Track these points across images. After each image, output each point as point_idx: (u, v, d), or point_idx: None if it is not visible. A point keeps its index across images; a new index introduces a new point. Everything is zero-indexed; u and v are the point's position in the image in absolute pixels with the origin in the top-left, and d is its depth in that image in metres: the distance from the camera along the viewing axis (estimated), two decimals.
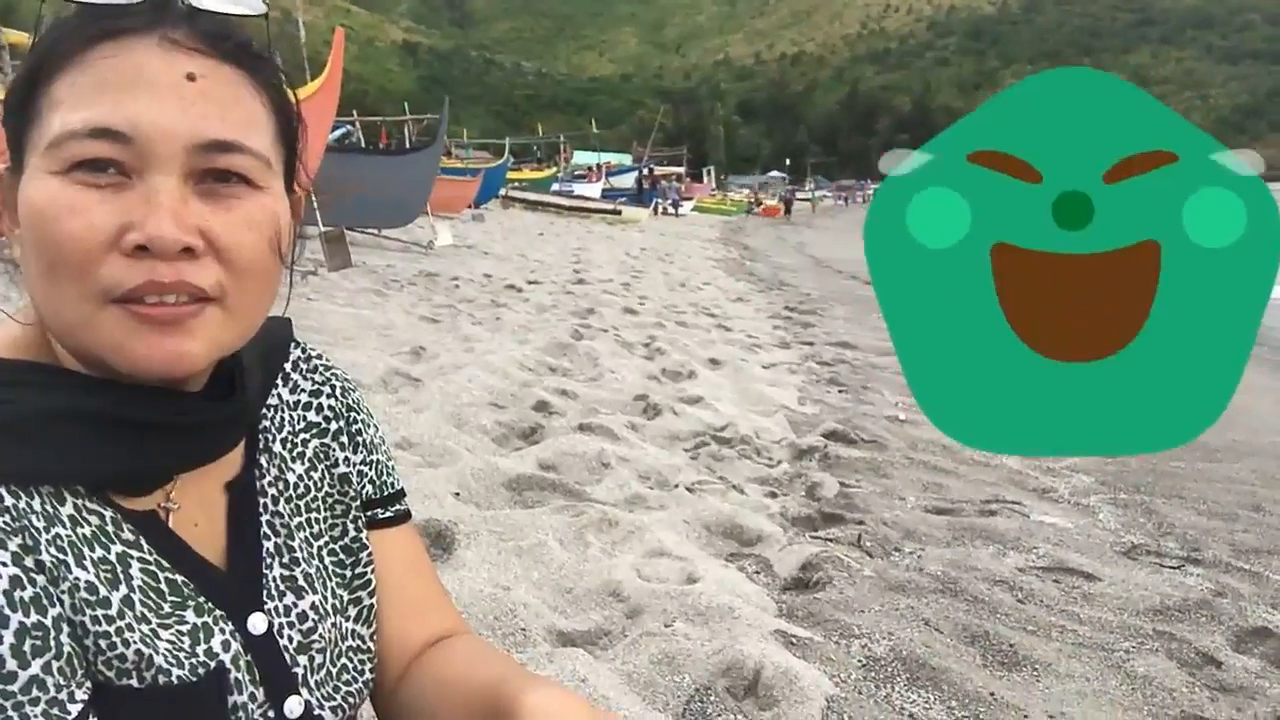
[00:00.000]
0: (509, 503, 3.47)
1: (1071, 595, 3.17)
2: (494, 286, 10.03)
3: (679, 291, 12.18)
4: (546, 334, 7.09)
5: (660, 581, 2.83)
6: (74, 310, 0.78)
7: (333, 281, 8.65)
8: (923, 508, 4.02)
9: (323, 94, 7.64)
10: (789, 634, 2.58)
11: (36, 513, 0.79)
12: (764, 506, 3.79)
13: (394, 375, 5.17)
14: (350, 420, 1.10)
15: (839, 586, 3.00)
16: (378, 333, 6.55)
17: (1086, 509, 4.20)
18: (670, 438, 4.68)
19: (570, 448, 4.05)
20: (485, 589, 2.57)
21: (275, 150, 0.88)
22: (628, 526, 3.23)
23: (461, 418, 4.37)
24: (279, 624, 0.95)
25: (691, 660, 2.36)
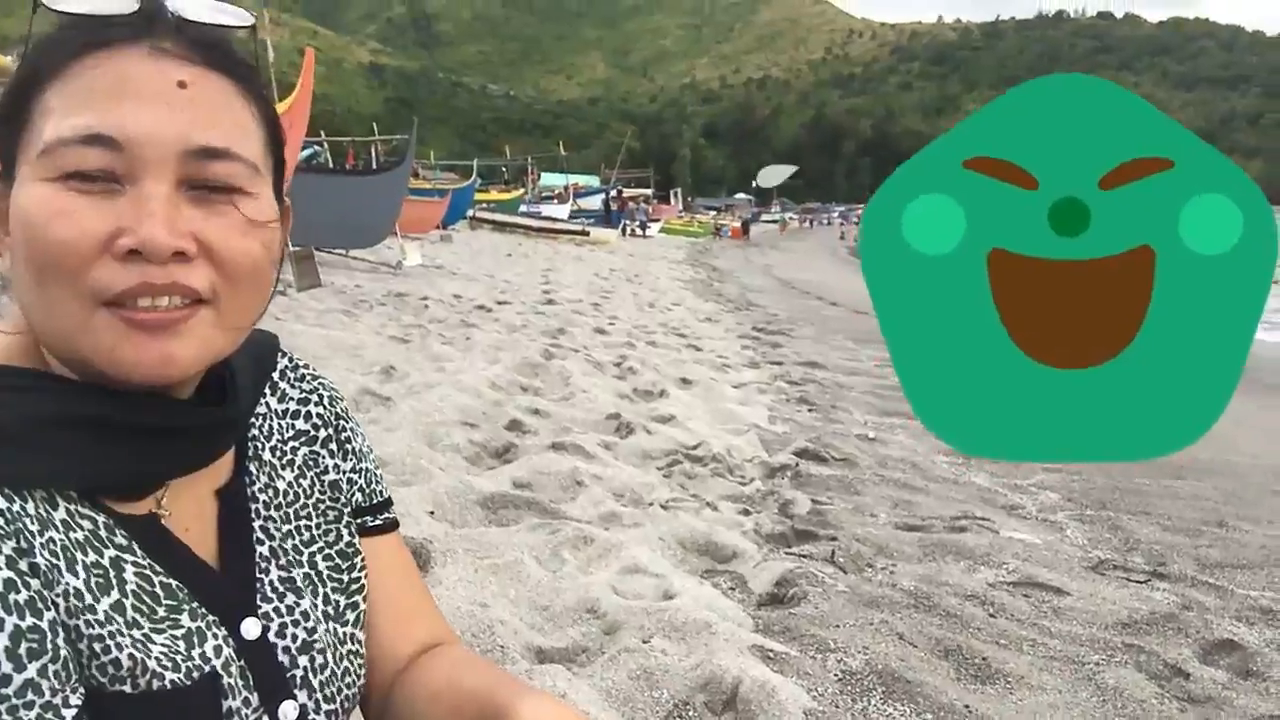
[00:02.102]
0: (484, 521, 3.46)
1: (1042, 609, 3.21)
2: (463, 306, 10.00)
3: (648, 312, 12.21)
4: (517, 353, 7.08)
5: (637, 598, 2.83)
6: (64, 314, 0.78)
7: (301, 301, 8.59)
8: (894, 524, 4.05)
9: (293, 113, 7.62)
10: (766, 649, 2.59)
11: (31, 516, 0.78)
12: (738, 523, 3.81)
13: (365, 395, 5.14)
14: (339, 428, 1.11)
15: (814, 602, 3.02)
16: (348, 353, 6.51)
17: (1054, 525, 4.26)
18: (643, 456, 4.69)
19: (544, 466, 4.05)
20: (463, 606, 2.56)
21: (264, 158, 0.89)
22: (603, 544, 3.23)
23: (434, 437, 4.35)
24: (277, 626, 0.95)
25: (670, 676, 2.37)
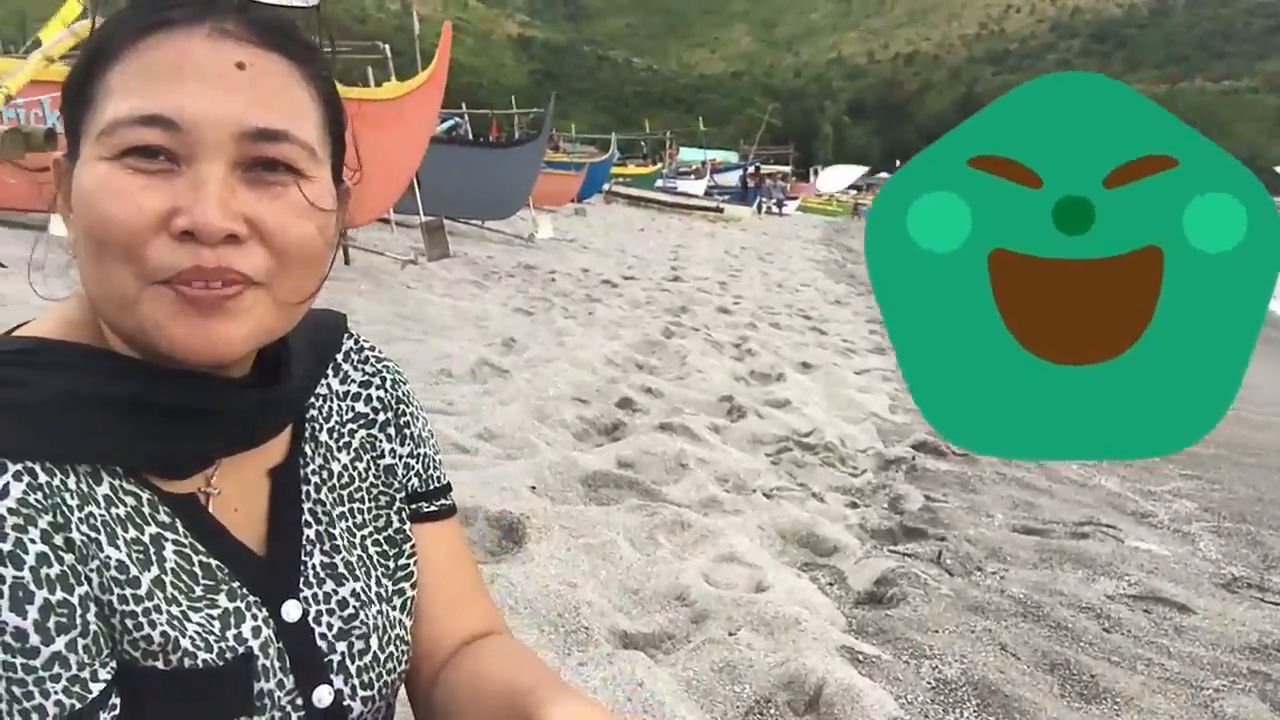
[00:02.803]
0: (584, 499, 3.48)
1: (1162, 627, 3.03)
2: (590, 281, 10.09)
3: (776, 292, 12.06)
4: (638, 330, 7.10)
5: (728, 588, 2.79)
6: (120, 291, 0.80)
7: (433, 271, 8.81)
8: (1010, 526, 3.89)
9: (428, 87, 7.76)
10: (856, 650, 2.52)
11: (71, 490, 0.80)
12: (843, 517, 3.72)
13: (484, 365, 5.24)
14: (399, 412, 1.10)
15: (913, 604, 2.92)
16: (473, 323, 6.65)
17: (1186, 536, 4.01)
18: (753, 441, 4.63)
19: (650, 446, 4.03)
20: (551, 585, 2.57)
21: (322, 140, 0.88)
22: (700, 530, 3.20)
23: (545, 411, 4.39)
24: (316, 611, 0.95)
25: (753, 670, 2.32)
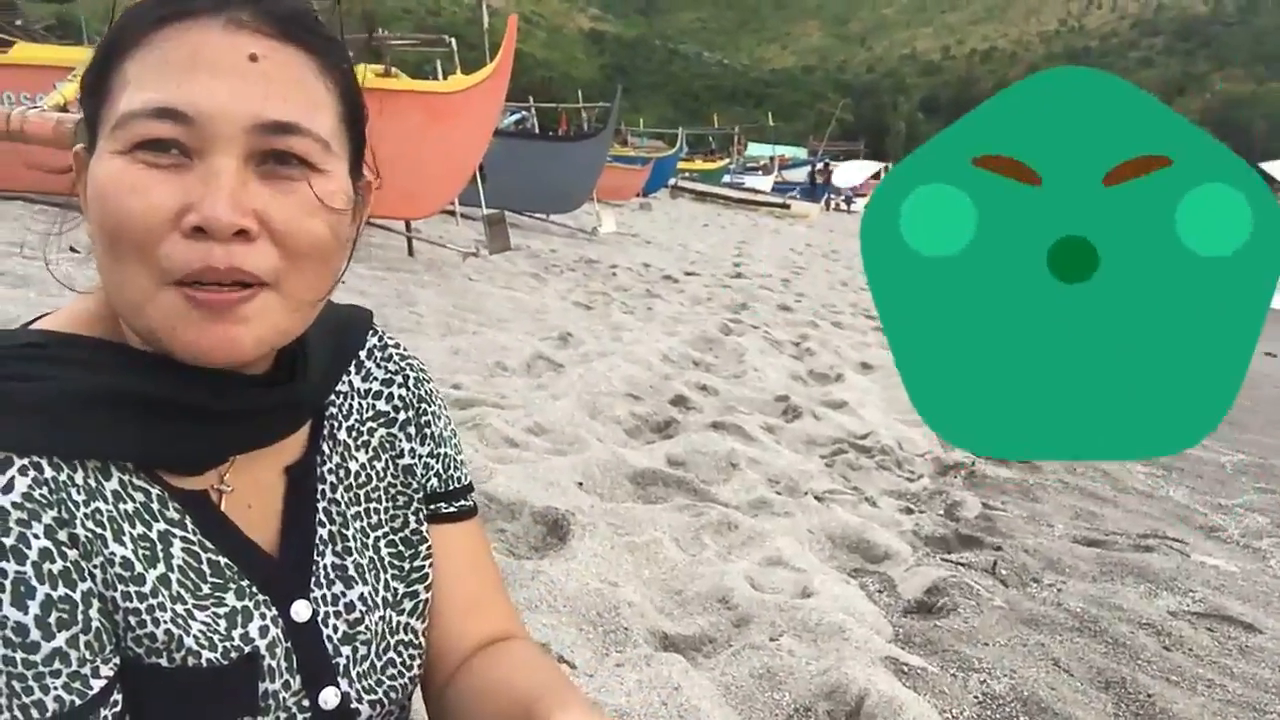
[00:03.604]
0: (632, 496, 3.45)
1: (1226, 647, 2.91)
2: (651, 276, 10.06)
3: (839, 290, 11.92)
4: (696, 327, 7.05)
5: (773, 592, 2.74)
6: (134, 289, 0.79)
7: (495, 264, 8.85)
8: (1071, 537, 3.78)
9: (493, 80, 7.80)
10: (901, 661, 2.46)
11: (78, 486, 0.80)
12: (896, 522, 3.64)
13: (538, 359, 5.24)
14: (420, 411, 1.09)
15: (964, 614, 2.84)
16: (531, 316, 6.66)
17: (1256, 552, 3.86)
18: (807, 442, 4.56)
19: (701, 445, 3.99)
20: (592, 583, 2.55)
21: (339, 134, 0.87)
22: (748, 531, 3.16)
23: (597, 407, 4.38)
24: (324, 613, 0.95)
25: (794, 678, 2.28)
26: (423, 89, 7.69)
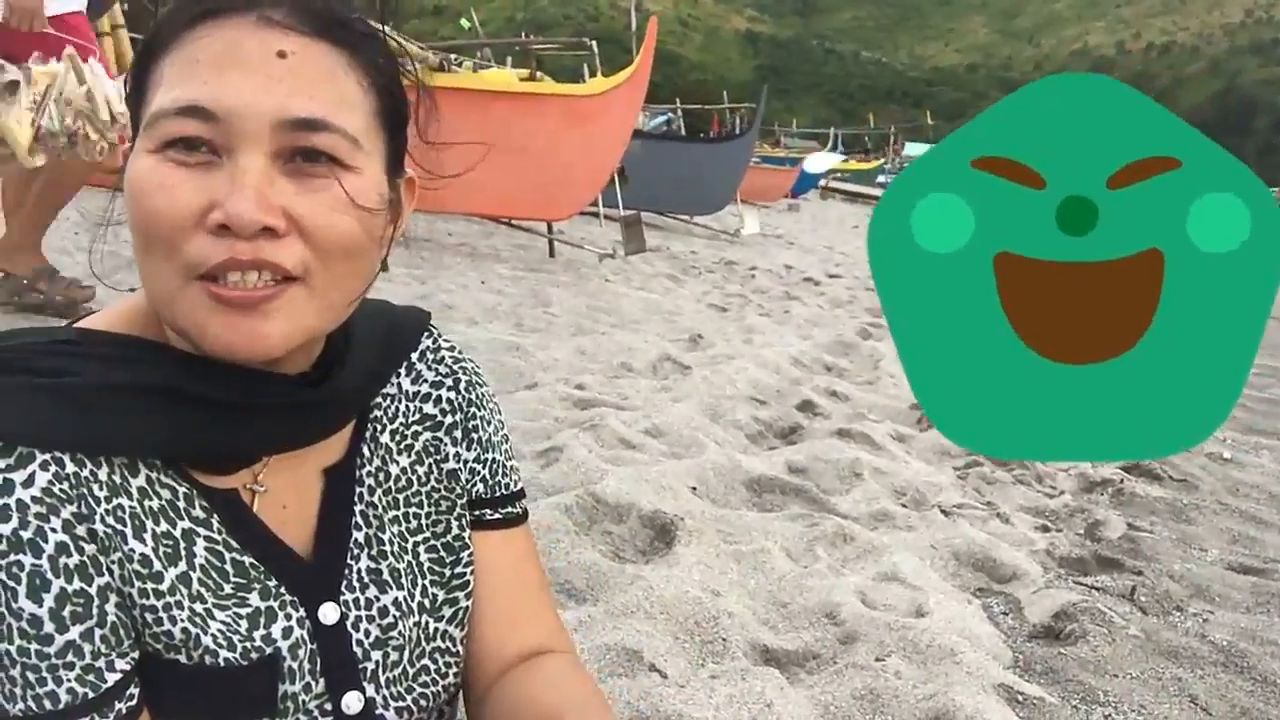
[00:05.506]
0: (746, 503, 3.38)
1: None
2: (791, 278, 9.90)
3: None
4: (832, 330, 6.89)
5: (885, 609, 2.62)
6: (163, 285, 0.80)
7: (633, 265, 8.89)
8: (1224, 563, 3.49)
9: (632, 82, 7.82)
10: (1016, 690, 2.30)
11: (101, 481, 0.80)
12: (1029, 540, 3.44)
13: (665, 361, 5.21)
14: (469, 415, 1.07)
15: (1093, 643, 2.65)
16: (663, 317, 6.65)
17: None
18: (940, 453, 4.37)
19: (824, 453, 3.88)
20: (693, 591, 2.49)
21: (372, 130, 0.85)
22: (864, 544, 3.04)
23: (718, 410, 4.31)
24: (355, 616, 0.93)
25: (898, 701, 2.16)
26: (562, 92, 7.78)
